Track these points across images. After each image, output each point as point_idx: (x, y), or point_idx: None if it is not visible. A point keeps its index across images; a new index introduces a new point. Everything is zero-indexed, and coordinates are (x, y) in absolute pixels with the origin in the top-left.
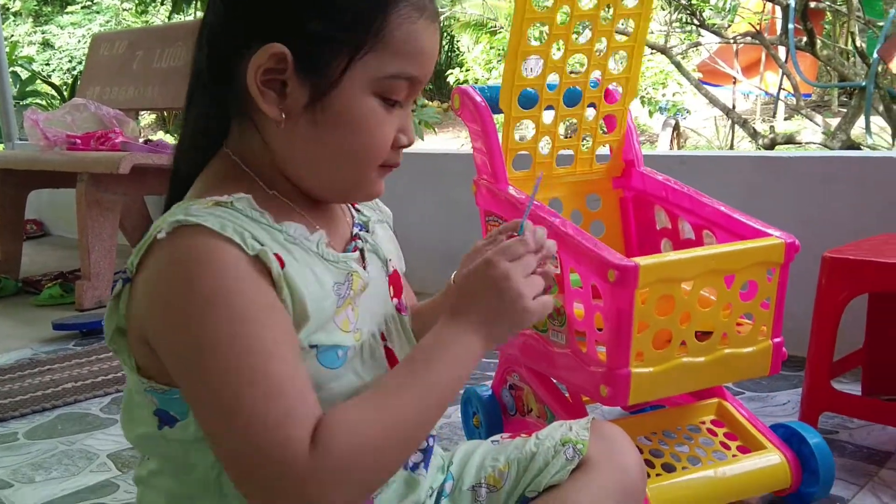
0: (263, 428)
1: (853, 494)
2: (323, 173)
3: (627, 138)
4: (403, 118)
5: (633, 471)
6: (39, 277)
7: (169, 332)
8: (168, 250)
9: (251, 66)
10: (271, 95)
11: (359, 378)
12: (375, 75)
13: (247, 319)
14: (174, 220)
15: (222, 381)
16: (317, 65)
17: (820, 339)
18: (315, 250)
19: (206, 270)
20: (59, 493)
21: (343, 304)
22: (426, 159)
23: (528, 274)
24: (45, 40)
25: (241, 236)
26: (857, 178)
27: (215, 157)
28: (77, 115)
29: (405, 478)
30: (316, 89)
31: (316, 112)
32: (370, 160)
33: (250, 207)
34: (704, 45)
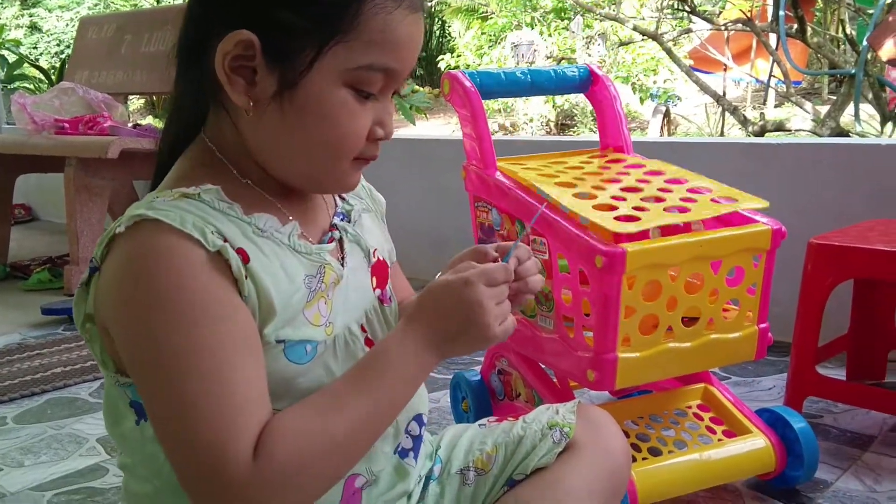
0: (206, 437)
1: (837, 477)
2: (293, 164)
3: (617, 124)
4: (380, 110)
5: (619, 454)
6: (28, 262)
7: (123, 329)
8: (127, 246)
9: (218, 52)
10: (240, 83)
11: (329, 373)
12: (346, 66)
13: (198, 323)
14: (135, 215)
15: (168, 385)
16: (285, 53)
17: (805, 324)
18: (286, 242)
19: (161, 270)
20: (48, 477)
21: (314, 297)
22: (416, 145)
23: (500, 301)
24: (33, 23)
25: (201, 232)
26: (844, 164)
27: (193, 142)
28: (65, 99)
29: (395, 464)
30: (284, 78)
31: (284, 102)
32: (341, 152)
33: (218, 199)
34: (695, 32)
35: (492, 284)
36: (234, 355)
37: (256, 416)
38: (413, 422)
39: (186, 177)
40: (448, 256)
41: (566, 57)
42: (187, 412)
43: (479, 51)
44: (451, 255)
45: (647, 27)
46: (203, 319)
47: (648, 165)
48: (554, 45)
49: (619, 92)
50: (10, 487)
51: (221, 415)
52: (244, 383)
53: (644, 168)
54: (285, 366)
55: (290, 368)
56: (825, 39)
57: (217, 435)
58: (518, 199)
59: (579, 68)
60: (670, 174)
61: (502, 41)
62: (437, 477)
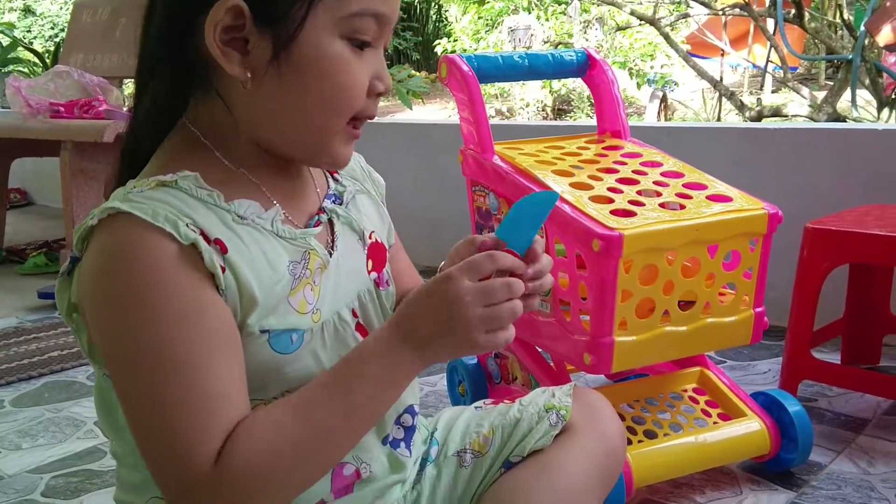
0: (173, 436)
1: (831, 460)
2: (291, 129)
3: (615, 109)
4: (377, 62)
5: (615, 436)
6: (24, 246)
7: (97, 324)
8: (101, 240)
9: (208, 26)
10: (234, 55)
11: (317, 361)
12: (339, 15)
13: (169, 321)
14: (108, 207)
15: (139, 383)
16: (276, 14)
17: (801, 308)
18: (269, 228)
19: (133, 267)
20: (45, 459)
21: (298, 284)
22: (413, 129)
23: (491, 303)
24: (26, 6)
25: (173, 225)
26: (840, 149)
27: (174, 129)
28: (60, 82)
29: (387, 454)
30: (278, 40)
31: (281, 64)
32: (343, 108)
33: (197, 186)
34: (693, 17)
35: (477, 277)
36: (205, 354)
37: (227, 416)
38: (406, 414)
39: (166, 165)
40: (445, 241)
41: (563, 42)
42: (156, 410)
43: (476, 35)
44: (448, 239)
45: (644, 12)
46: (174, 317)
47: (646, 155)
48: (551, 30)
49: (617, 77)
50: (7, 470)
51: (189, 415)
52: (215, 382)
53: (641, 158)
54: (271, 356)
55: (276, 358)
56: (823, 25)
57: (184, 435)
58: (516, 183)
59: (577, 52)
60: (668, 166)
61: (499, 26)
62: (434, 459)
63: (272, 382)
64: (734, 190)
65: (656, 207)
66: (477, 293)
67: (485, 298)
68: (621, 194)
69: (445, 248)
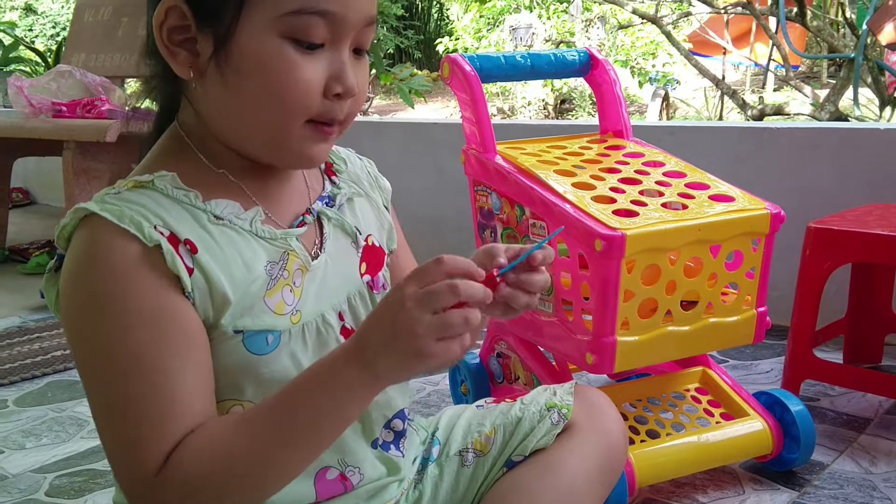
0: (122, 440)
1: (833, 460)
2: (244, 130)
3: (617, 109)
4: (335, 63)
5: (616, 435)
6: (26, 246)
7: (63, 321)
8: (74, 241)
9: (154, 25)
10: (183, 55)
11: (296, 362)
12: (275, 13)
13: (129, 327)
14: (80, 208)
15: (95, 385)
16: (213, 12)
17: (803, 308)
18: (247, 228)
19: (94, 271)
20: (49, 459)
21: (276, 284)
22: (415, 128)
23: (438, 308)
24: (28, 5)
25: (138, 227)
26: (842, 149)
27: (167, 129)
28: (62, 82)
29: (377, 456)
30: (217, 38)
31: (221, 63)
32: (288, 110)
33: (173, 186)
34: (695, 15)
35: (425, 284)
36: (162, 358)
37: (180, 422)
38: (395, 419)
39: (149, 165)
40: (447, 240)
41: (565, 40)
42: (111, 413)
43: (478, 34)
44: (450, 239)
45: (646, 10)
46: (133, 321)
47: (648, 155)
48: (553, 29)
49: (619, 76)
50: (11, 470)
51: (140, 419)
52: (170, 388)
53: (643, 157)
54: (245, 357)
55: (251, 359)
56: (825, 23)
57: (134, 438)
58: (518, 183)
59: (579, 52)
60: (670, 166)
61: (501, 24)
62: (436, 459)
63: (248, 383)
64: (736, 190)
65: (658, 207)
66: (419, 297)
67: (429, 303)
68: (623, 194)
69: (447, 247)
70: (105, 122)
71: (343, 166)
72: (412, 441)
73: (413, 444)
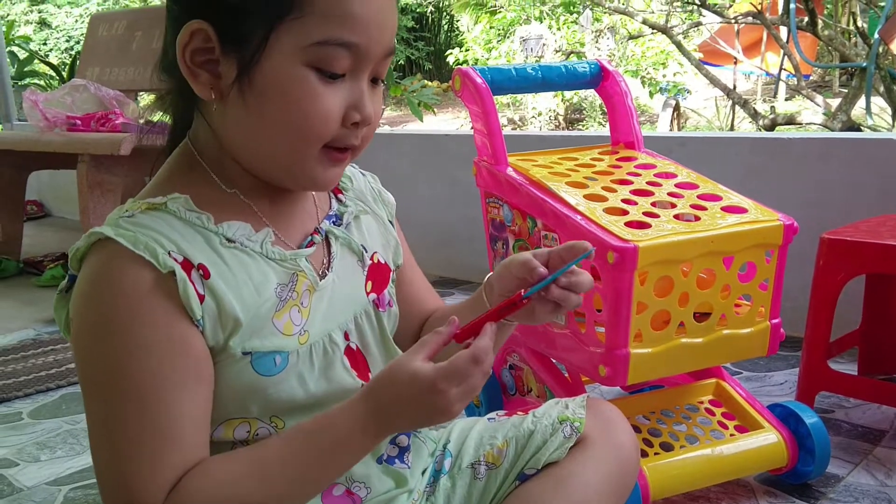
0: (120, 468)
1: (848, 472)
2: (262, 154)
3: (628, 120)
4: (355, 92)
5: (629, 448)
6: (41, 258)
7: (73, 343)
8: (87, 264)
9: (178, 46)
10: (205, 76)
11: (302, 383)
12: (302, 43)
13: (134, 354)
14: (95, 232)
15: (97, 410)
16: (239, 37)
17: (817, 319)
18: (258, 250)
19: (107, 297)
20: (64, 471)
21: (284, 306)
22: (427, 140)
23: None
24: (42, 19)
25: (152, 253)
26: (855, 159)
27: (179, 146)
28: (77, 95)
29: (382, 470)
30: (242, 63)
31: (244, 87)
32: (306, 137)
33: (186, 209)
34: (705, 25)
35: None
36: (167, 390)
37: (180, 456)
38: (401, 435)
39: (161, 184)
40: (458, 251)
41: (575, 51)
42: (111, 439)
43: (488, 45)
44: (461, 249)
45: (656, 21)
46: (142, 350)
47: (659, 166)
48: (563, 39)
49: (629, 86)
50: (26, 482)
51: (141, 449)
52: (173, 421)
53: (655, 169)
54: (254, 378)
55: (259, 380)
56: (836, 32)
57: (133, 467)
58: (530, 195)
59: (590, 64)
60: (682, 177)
61: (511, 35)
62: (448, 471)
63: (256, 404)
64: (749, 201)
65: (671, 219)
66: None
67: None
68: (635, 206)
69: (458, 258)
70: (119, 135)
71: (349, 184)
72: (418, 453)
73: (420, 455)
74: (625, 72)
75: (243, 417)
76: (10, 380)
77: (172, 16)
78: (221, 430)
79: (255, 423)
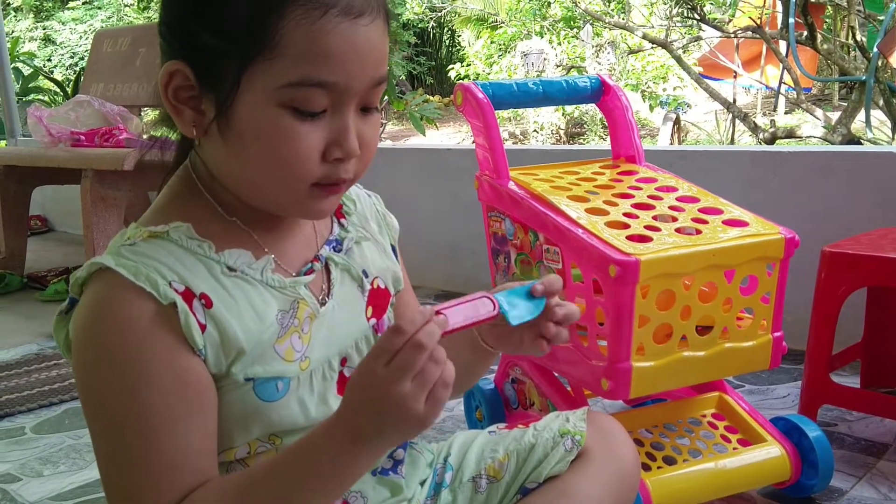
0: (124, 495)
1: (852, 486)
2: (250, 187)
3: (629, 134)
4: (337, 127)
5: (629, 461)
6: (44, 273)
7: (74, 372)
8: (87, 293)
9: (159, 85)
10: (188, 113)
11: (303, 407)
12: (275, 85)
13: (138, 388)
14: (96, 262)
15: (102, 438)
16: (214, 78)
17: (819, 332)
18: (258, 278)
19: (108, 329)
20: (66, 486)
21: (286, 332)
22: (429, 154)
23: (414, 373)
24: (47, 36)
25: (154, 284)
26: (855, 172)
27: (178, 170)
28: (81, 111)
29: (377, 481)
30: (218, 103)
31: (222, 127)
32: (290, 177)
33: (188, 237)
34: (705, 40)
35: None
36: (168, 419)
37: (180, 483)
38: (398, 449)
39: (162, 209)
40: (461, 265)
41: (576, 65)
42: (116, 467)
43: (489, 60)
44: (463, 263)
45: (656, 35)
46: (143, 382)
47: (660, 180)
48: (564, 54)
49: (631, 101)
50: (29, 497)
51: (144, 477)
52: (174, 449)
53: (656, 183)
54: (256, 403)
55: (260, 406)
56: (835, 46)
57: (136, 495)
58: (531, 208)
59: (591, 79)
60: (683, 191)
61: (512, 50)
62: (449, 484)
63: (256, 427)
64: (750, 214)
65: (672, 233)
66: (392, 375)
67: (405, 373)
68: (637, 219)
69: (461, 272)
70: (123, 150)
71: (352, 207)
72: (414, 464)
73: (416, 466)
74: (625, 86)
75: (244, 442)
76: (13, 394)
77: (163, 52)
78: (223, 453)
79: (254, 443)
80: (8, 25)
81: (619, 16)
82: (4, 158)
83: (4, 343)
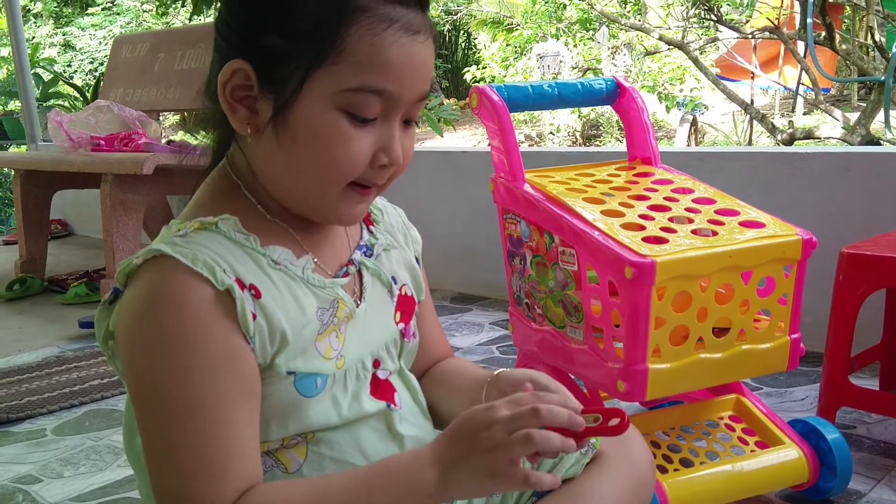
0: (181, 483)
1: (870, 488)
2: (289, 187)
3: (645, 136)
4: (385, 135)
5: (644, 464)
6: (65, 276)
7: (126, 362)
8: (143, 280)
9: (219, 83)
10: (242, 111)
11: (336, 406)
12: (336, 89)
13: (195, 372)
14: (153, 249)
15: (156, 425)
16: (277, 79)
17: (837, 334)
18: (300, 275)
19: (166, 311)
20: (87, 487)
21: (326, 330)
22: (445, 157)
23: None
24: (66, 42)
25: (211, 270)
26: (874, 173)
27: (216, 169)
28: (100, 116)
29: None
30: (277, 104)
31: (278, 127)
32: (333, 176)
33: (235, 230)
34: (722, 41)
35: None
36: (226, 406)
37: (239, 472)
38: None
39: (206, 205)
40: (477, 267)
41: (592, 67)
42: (172, 454)
43: (505, 62)
44: (480, 266)
45: (672, 36)
46: (202, 366)
47: (676, 182)
48: (579, 56)
49: (646, 102)
50: (50, 498)
51: (203, 464)
52: (232, 437)
53: (672, 185)
54: (295, 397)
55: (299, 400)
56: (854, 46)
57: (195, 483)
58: (547, 211)
59: (606, 80)
60: (699, 193)
61: (528, 53)
62: None
63: (293, 422)
64: (767, 216)
65: (688, 234)
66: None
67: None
68: (653, 221)
69: (477, 274)
70: (142, 155)
71: (380, 216)
72: None
73: None
74: (642, 87)
75: (281, 437)
76: (34, 396)
77: (219, 50)
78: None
79: (287, 438)
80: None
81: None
82: (25, 163)
83: (26, 346)
